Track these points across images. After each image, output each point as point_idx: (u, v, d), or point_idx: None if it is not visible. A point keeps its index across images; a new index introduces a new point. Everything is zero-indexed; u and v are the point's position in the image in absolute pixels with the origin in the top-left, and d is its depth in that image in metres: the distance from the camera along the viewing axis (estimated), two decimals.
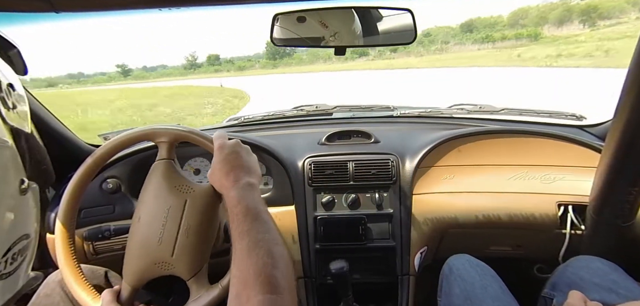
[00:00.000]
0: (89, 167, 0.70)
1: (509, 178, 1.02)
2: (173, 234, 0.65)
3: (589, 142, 1.01)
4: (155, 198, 0.68)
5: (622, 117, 0.71)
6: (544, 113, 1.23)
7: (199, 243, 0.67)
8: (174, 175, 0.69)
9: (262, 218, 0.51)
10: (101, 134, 1.12)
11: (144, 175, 0.71)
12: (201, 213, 0.67)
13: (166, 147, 0.72)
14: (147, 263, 0.66)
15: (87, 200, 0.71)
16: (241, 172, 0.58)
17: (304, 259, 1.02)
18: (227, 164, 0.59)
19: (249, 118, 1.29)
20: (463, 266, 0.79)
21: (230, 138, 0.65)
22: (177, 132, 0.72)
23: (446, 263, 0.84)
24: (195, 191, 0.68)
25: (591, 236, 0.89)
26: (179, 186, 0.68)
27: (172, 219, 0.66)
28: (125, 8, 0.45)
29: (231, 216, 0.53)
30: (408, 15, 0.83)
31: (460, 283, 0.75)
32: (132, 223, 0.69)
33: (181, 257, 0.65)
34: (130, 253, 0.67)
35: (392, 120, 1.26)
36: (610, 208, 0.81)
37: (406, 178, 1.01)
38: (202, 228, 0.67)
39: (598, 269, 0.67)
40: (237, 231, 0.50)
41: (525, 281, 1.13)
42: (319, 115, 1.31)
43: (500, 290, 0.73)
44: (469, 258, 0.81)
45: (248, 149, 0.64)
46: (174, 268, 0.66)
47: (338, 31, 0.82)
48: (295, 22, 0.82)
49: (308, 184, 1.01)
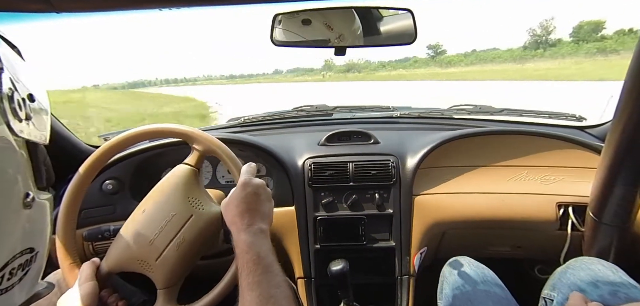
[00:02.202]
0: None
1: (509, 179, 1.02)
2: (166, 241, 0.66)
3: (589, 142, 1.01)
4: (165, 199, 0.68)
5: (622, 117, 0.71)
6: (544, 114, 1.23)
7: (185, 260, 0.67)
8: (193, 186, 0.70)
9: (273, 270, 0.51)
10: (101, 135, 1.12)
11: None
12: (199, 234, 0.67)
13: (198, 155, 0.72)
14: (131, 256, 0.66)
15: (87, 201, 0.71)
16: (256, 217, 0.57)
17: (304, 259, 1.02)
18: (244, 203, 0.58)
19: (250, 118, 1.29)
20: (463, 267, 0.78)
21: (257, 177, 0.63)
22: (211, 146, 0.72)
23: (446, 264, 0.83)
24: (203, 212, 0.68)
25: (591, 237, 0.89)
26: (192, 199, 0.68)
27: (171, 226, 0.66)
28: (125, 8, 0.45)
29: (241, 261, 0.52)
30: (408, 16, 0.83)
31: (461, 285, 0.74)
32: (135, 211, 0.69)
33: (163, 266, 0.65)
34: (120, 239, 0.68)
35: (392, 121, 1.26)
36: (610, 209, 0.81)
37: (406, 179, 1.01)
38: (193, 247, 0.67)
39: (598, 271, 0.67)
40: (246, 281, 0.49)
41: (525, 282, 1.13)
42: (319, 115, 1.31)
43: (501, 291, 0.72)
44: (469, 259, 0.81)
45: (269, 195, 0.62)
46: (152, 273, 0.66)
47: (342, 32, 0.82)
48: (300, 23, 0.82)
49: (308, 185, 1.01)
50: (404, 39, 0.84)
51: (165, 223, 0.66)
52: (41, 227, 0.41)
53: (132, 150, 0.97)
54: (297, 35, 0.84)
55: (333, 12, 0.82)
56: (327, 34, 0.83)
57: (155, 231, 0.66)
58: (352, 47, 0.86)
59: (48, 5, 0.40)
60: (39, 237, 0.41)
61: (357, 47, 0.86)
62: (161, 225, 0.66)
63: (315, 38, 0.84)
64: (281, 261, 0.63)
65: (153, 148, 0.98)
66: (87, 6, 0.44)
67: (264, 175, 1.09)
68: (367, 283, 1.05)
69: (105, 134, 1.14)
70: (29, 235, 0.38)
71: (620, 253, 0.84)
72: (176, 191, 0.68)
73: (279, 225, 1.01)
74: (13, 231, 0.35)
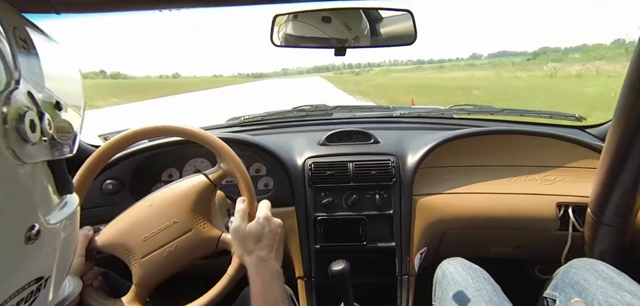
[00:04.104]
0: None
1: (509, 179, 1.02)
2: (158, 244, 0.66)
3: (589, 142, 1.01)
4: (173, 202, 0.68)
5: (622, 117, 0.71)
6: (544, 113, 1.23)
7: (167, 268, 0.67)
8: (203, 201, 0.69)
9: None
10: (101, 135, 1.12)
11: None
12: (190, 251, 0.67)
13: (220, 174, 0.72)
14: (121, 243, 0.66)
15: (87, 200, 0.71)
16: (275, 255, 0.62)
17: (304, 259, 1.02)
18: (268, 239, 0.62)
19: (250, 118, 1.29)
20: (456, 270, 0.78)
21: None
22: (235, 172, 0.71)
23: (439, 267, 0.83)
24: (203, 230, 0.68)
25: (591, 237, 0.89)
26: (197, 214, 0.68)
27: (168, 232, 0.66)
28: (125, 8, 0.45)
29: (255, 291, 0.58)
30: (408, 17, 0.83)
31: (454, 287, 0.74)
32: (143, 201, 0.70)
33: (147, 265, 0.66)
34: (119, 221, 0.68)
35: (392, 121, 1.26)
36: (610, 208, 0.81)
37: (406, 179, 1.01)
38: (180, 260, 0.67)
39: (602, 271, 0.67)
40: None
41: (526, 282, 1.13)
42: (319, 115, 1.31)
43: (493, 292, 0.72)
44: (462, 261, 0.81)
45: (283, 238, 0.66)
46: (134, 266, 0.66)
47: (357, 35, 0.82)
48: (302, 23, 0.82)
49: (308, 185, 1.01)
50: (404, 40, 0.85)
51: (164, 226, 0.66)
52: (53, 252, 0.36)
53: (132, 149, 0.97)
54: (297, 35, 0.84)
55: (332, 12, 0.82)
56: (346, 34, 0.83)
57: (152, 231, 0.66)
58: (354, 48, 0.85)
59: (48, 5, 0.40)
60: (47, 265, 0.36)
61: (362, 47, 0.86)
62: (159, 227, 0.66)
63: (334, 36, 0.83)
64: (281, 261, 0.64)
65: (153, 148, 0.98)
66: (87, 7, 0.44)
67: (264, 174, 1.09)
68: (367, 283, 1.05)
69: (105, 134, 1.14)
70: (36, 266, 0.34)
71: (621, 253, 0.84)
72: (186, 199, 0.68)
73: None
74: (9, 274, 0.30)
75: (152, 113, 13.02)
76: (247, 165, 1.08)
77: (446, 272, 0.79)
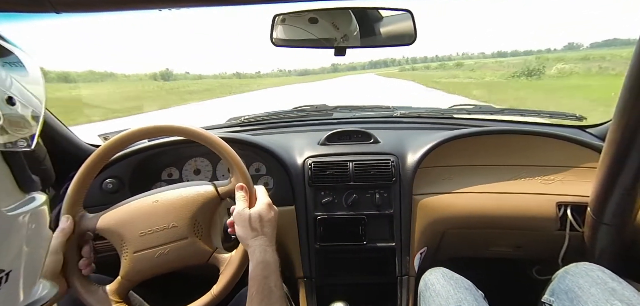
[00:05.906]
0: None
1: (509, 179, 1.02)
2: (152, 243, 0.66)
3: (589, 142, 1.01)
4: (177, 205, 0.68)
5: (622, 117, 0.71)
6: (544, 113, 1.22)
7: (155, 269, 0.67)
8: (207, 212, 0.69)
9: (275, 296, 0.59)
10: (101, 134, 1.12)
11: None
12: (182, 258, 0.67)
13: (230, 187, 0.71)
14: (118, 232, 0.66)
15: (87, 200, 0.71)
16: (273, 239, 0.65)
17: (304, 259, 1.02)
18: (271, 224, 0.66)
19: (250, 118, 1.29)
20: (438, 280, 0.78)
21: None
22: (233, 164, 0.71)
23: (422, 278, 0.83)
24: (199, 241, 0.68)
25: (591, 237, 0.89)
26: (198, 223, 0.68)
27: (165, 234, 0.66)
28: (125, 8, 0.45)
29: (254, 273, 0.59)
30: (408, 16, 0.83)
31: (436, 299, 0.74)
32: (149, 196, 0.70)
33: (136, 261, 0.66)
34: (121, 210, 0.68)
35: (392, 121, 1.26)
36: (610, 208, 0.81)
37: (406, 179, 1.01)
38: (169, 264, 0.67)
39: (597, 277, 0.67)
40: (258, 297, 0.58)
41: (524, 283, 1.13)
42: (319, 115, 1.31)
43: (474, 302, 0.72)
44: (443, 271, 0.81)
45: (275, 228, 0.69)
46: (123, 257, 0.66)
47: (345, 33, 0.82)
48: (306, 23, 0.82)
49: (308, 184, 1.01)
50: (404, 39, 0.85)
51: (162, 227, 0.66)
52: (16, 242, 0.36)
53: (132, 149, 0.97)
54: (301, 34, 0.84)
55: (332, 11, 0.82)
56: (334, 33, 0.83)
57: (151, 228, 0.66)
58: (352, 48, 0.86)
59: (48, 5, 0.40)
60: (13, 255, 0.36)
61: (358, 47, 0.86)
62: (158, 226, 0.66)
63: (321, 37, 0.84)
64: (281, 261, 0.63)
65: (153, 147, 0.98)
66: (87, 6, 0.44)
67: (264, 174, 1.09)
68: (367, 283, 1.05)
69: (105, 133, 1.14)
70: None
71: (620, 252, 0.84)
72: (189, 206, 0.68)
73: (279, 225, 1.00)
74: None
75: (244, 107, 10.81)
76: (247, 165, 1.07)
77: (428, 284, 0.79)
